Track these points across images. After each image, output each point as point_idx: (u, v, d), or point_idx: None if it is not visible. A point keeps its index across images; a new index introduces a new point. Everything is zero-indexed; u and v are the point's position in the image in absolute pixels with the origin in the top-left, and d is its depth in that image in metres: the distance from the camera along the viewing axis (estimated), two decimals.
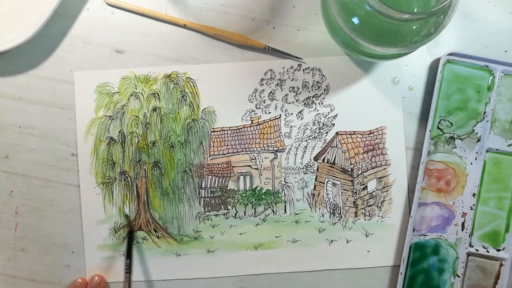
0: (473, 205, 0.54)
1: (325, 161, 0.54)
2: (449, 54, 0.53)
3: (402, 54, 0.50)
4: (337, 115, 0.54)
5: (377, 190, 0.54)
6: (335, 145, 0.54)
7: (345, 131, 0.54)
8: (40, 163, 0.54)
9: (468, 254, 0.54)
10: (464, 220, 0.54)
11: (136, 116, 0.54)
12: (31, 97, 0.54)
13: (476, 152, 0.54)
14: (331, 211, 0.54)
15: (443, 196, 0.54)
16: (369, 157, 0.54)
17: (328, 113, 0.54)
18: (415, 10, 0.46)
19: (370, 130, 0.54)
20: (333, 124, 0.54)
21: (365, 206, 0.54)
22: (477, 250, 0.54)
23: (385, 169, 0.54)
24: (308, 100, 0.54)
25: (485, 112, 0.54)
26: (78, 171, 0.54)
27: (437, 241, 0.54)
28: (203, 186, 0.54)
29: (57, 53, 0.54)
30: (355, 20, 0.44)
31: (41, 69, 0.54)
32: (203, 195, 0.54)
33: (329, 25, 0.51)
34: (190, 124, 0.54)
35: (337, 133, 0.54)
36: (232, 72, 0.54)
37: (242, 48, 0.55)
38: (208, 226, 0.54)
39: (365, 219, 0.54)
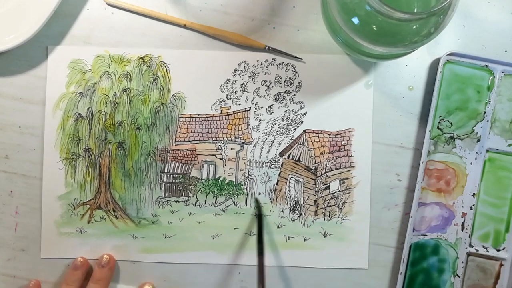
0: (473, 205, 0.54)
1: (290, 157, 0.55)
2: (449, 54, 0.53)
3: (402, 54, 0.50)
4: (306, 113, 0.54)
5: (339, 191, 0.54)
6: (301, 143, 0.54)
7: (313, 130, 0.54)
8: (40, 163, 0.54)
9: (468, 254, 0.54)
10: (464, 220, 0.54)
11: (106, 95, 0.54)
12: (31, 97, 0.54)
13: (476, 152, 0.54)
14: (292, 207, 0.54)
15: (443, 196, 0.54)
16: (334, 158, 0.54)
17: (298, 110, 0.55)
18: (415, 10, 0.46)
19: (337, 131, 0.54)
20: (302, 122, 0.54)
21: (325, 206, 0.54)
22: (477, 250, 0.54)
23: (349, 171, 0.54)
24: (279, 95, 0.55)
25: (485, 112, 0.54)
26: (43, 145, 0.54)
27: (437, 241, 0.54)
28: (166, 171, 0.54)
29: None
30: (355, 20, 0.44)
31: (41, 69, 0.54)
32: (164, 180, 0.54)
33: (329, 25, 0.51)
34: (159, 108, 0.54)
35: (304, 131, 0.54)
36: (206, 60, 0.54)
37: (242, 48, 0.55)
38: (167, 211, 0.54)
39: (324, 219, 0.54)
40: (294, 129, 0.55)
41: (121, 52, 0.54)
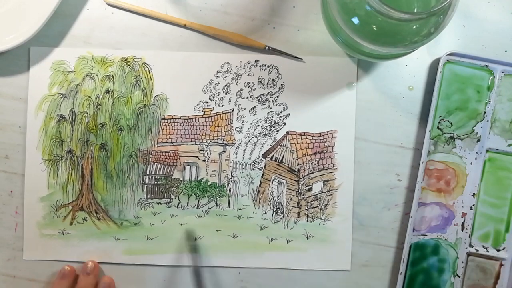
0: (473, 205, 0.54)
1: (273, 159, 0.55)
2: (449, 54, 0.53)
3: (402, 54, 0.50)
4: (289, 114, 0.54)
5: (322, 193, 0.54)
6: (284, 144, 0.54)
7: (296, 131, 0.54)
8: None
9: (468, 254, 0.54)
10: (464, 220, 0.54)
11: (89, 97, 0.54)
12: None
13: (476, 152, 0.54)
14: (274, 209, 0.54)
15: (443, 196, 0.54)
16: (317, 159, 0.54)
17: (281, 112, 0.55)
18: (415, 10, 0.46)
19: (320, 133, 0.54)
20: (285, 123, 0.54)
21: (308, 207, 0.54)
22: (477, 250, 0.54)
23: (331, 172, 0.54)
24: (262, 97, 0.55)
25: (485, 112, 0.54)
26: (26, 146, 0.54)
27: (437, 241, 0.54)
28: (148, 173, 0.54)
29: None
30: (355, 20, 0.44)
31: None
32: (147, 182, 0.54)
33: (329, 25, 0.51)
34: (141, 109, 0.54)
35: (287, 132, 0.54)
36: (188, 62, 0.54)
37: (242, 48, 0.55)
38: (149, 213, 0.54)
39: (307, 221, 0.54)
40: (277, 131, 0.55)
41: (104, 53, 0.54)
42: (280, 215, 0.55)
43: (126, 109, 0.54)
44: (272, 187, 0.55)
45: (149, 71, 0.54)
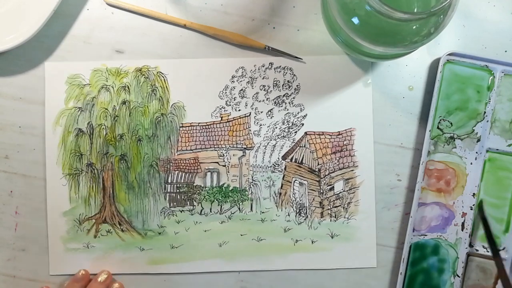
0: (473, 205, 0.54)
1: (293, 160, 0.55)
2: (449, 54, 0.53)
3: (402, 54, 0.50)
4: (306, 115, 0.55)
5: (344, 191, 0.54)
6: (303, 145, 0.54)
7: (314, 131, 0.55)
8: (40, 163, 0.54)
9: (468, 254, 0.54)
10: (464, 220, 0.54)
11: (106, 109, 0.54)
12: (31, 97, 0.54)
13: (476, 152, 0.54)
14: (297, 210, 0.54)
15: (443, 196, 0.54)
16: (337, 158, 0.54)
17: (298, 113, 0.55)
18: (415, 10, 0.46)
19: (339, 131, 0.54)
20: (302, 124, 0.55)
21: (331, 207, 0.54)
22: (477, 250, 0.54)
23: (352, 170, 0.54)
24: (279, 99, 0.55)
25: (485, 112, 0.54)
26: (45, 162, 0.54)
27: (437, 241, 0.54)
28: (169, 181, 0.54)
29: (57, 53, 0.54)
30: (355, 20, 0.44)
31: (41, 69, 0.54)
32: (168, 190, 0.54)
33: (329, 25, 0.51)
34: (159, 119, 0.54)
35: (306, 133, 0.55)
36: (203, 68, 0.54)
37: (242, 48, 0.55)
38: (172, 221, 0.54)
39: (331, 220, 0.54)
40: (295, 132, 0.55)
41: (118, 65, 0.54)
42: (303, 216, 0.55)
43: (143, 119, 0.54)
44: (293, 189, 0.55)
45: (164, 80, 0.54)
